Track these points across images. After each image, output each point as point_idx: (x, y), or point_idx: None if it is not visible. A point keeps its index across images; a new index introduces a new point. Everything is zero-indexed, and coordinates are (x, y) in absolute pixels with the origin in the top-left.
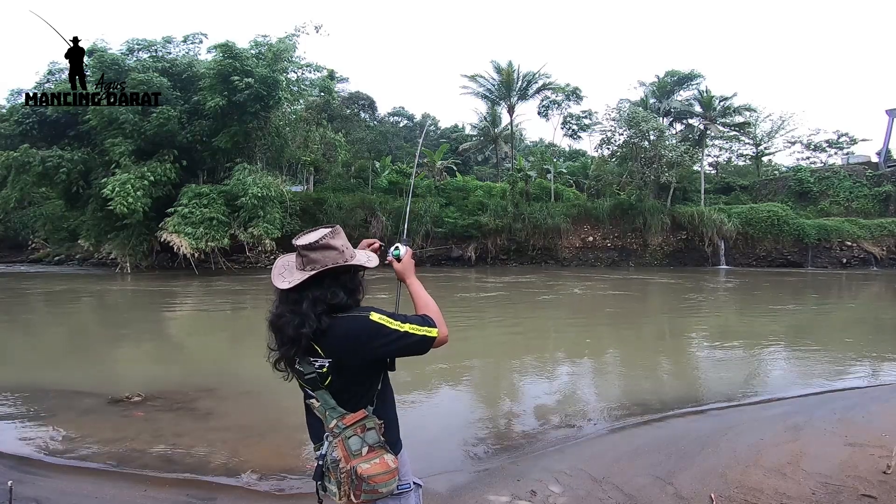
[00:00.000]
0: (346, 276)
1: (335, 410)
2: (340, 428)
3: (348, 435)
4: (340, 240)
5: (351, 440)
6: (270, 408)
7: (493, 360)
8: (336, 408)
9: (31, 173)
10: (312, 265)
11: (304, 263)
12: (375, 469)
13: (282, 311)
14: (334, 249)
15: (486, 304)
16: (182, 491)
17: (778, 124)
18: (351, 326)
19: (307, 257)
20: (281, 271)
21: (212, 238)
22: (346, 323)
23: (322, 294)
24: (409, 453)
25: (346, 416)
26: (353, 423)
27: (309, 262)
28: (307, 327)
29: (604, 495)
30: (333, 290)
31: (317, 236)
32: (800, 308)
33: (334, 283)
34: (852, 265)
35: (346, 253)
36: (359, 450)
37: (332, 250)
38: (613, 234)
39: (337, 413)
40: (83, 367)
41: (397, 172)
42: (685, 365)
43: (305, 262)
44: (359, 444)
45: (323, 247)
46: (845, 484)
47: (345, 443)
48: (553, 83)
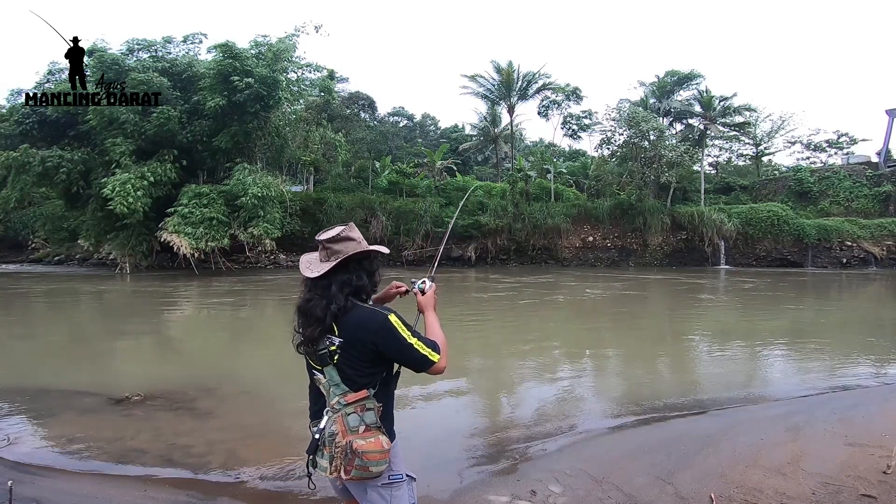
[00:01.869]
0: (366, 262)
1: (339, 387)
2: (341, 404)
3: (348, 412)
4: (356, 232)
5: (350, 417)
6: (270, 408)
7: (493, 359)
8: (340, 384)
9: (31, 173)
10: (336, 255)
11: (328, 255)
12: (370, 447)
13: (311, 295)
14: (353, 240)
15: (486, 303)
16: (182, 491)
17: (778, 124)
18: (369, 317)
19: (330, 249)
20: (307, 265)
21: (212, 238)
22: (366, 312)
23: (348, 277)
24: (409, 453)
25: (349, 394)
26: (354, 401)
27: (333, 253)
28: (335, 305)
29: (604, 495)
30: (358, 273)
31: (337, 230)
32: (800, 308)
33: (358, 267)
34: (852, 265)
35: (363, 243)
36: (356, 427)
37: (351, 241)
38: (613, 234)
39: (340, 390)
40: (83, 367)
41: (397, 172)
42: (685, 365)
43: (329, 253)
44: (357, 422)
45: (344, 238)
46: (845, 484)
47: (344, 419)
48: (553, 83)
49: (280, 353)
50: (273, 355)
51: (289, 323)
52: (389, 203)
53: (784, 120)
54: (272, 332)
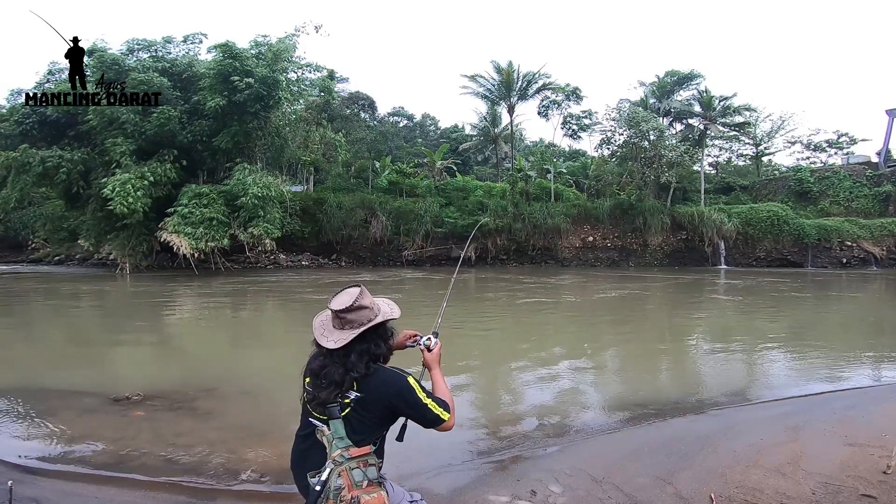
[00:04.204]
0: (382, 329)
1: (343, 440)
2: (344, 458)
3: (352, 466)
4: (368, 298)
5: (354, 472)
6: (270, 408)
7: (492, 359)
8: (345, 438)
9: (31, 173)
10: (351, 325)
11: (342, 324)
12: (374, 502)
13: (326, 363)
14: (367, 308)
15: (486, 303)
16: (182, 491)
17: (778, 124)
18: (390, 377)
19: (345, 318)
20: (321, 331)
21: (212, 238)
22: (387, 374)
23: (367, 347)
24: (409, 453)
25: (352, 448)
26: (357, 455)
27: (347, 323)
28: (356, 372)
29: (604, 495)
30: (377, 342)
31: (350, 300)
32: (800, 308)
33: (375, 335)
34: (852, 265)
35: (375, 308)
36: (360, 482)
37: (365, 309)
38: (613, 234)
39: (344, 443)
40: (83, 366)
41: (397, 172)
42: (685, 365)
43: (343, 322)
44: (361, 477)
45: (358, 308)
46: (845, 484)
47: (349, 473)
48: (553, 83)
49: (280, 354)
50: (273, 355)
51: (289, 323)
52: (389, 203)
53: (784, 120)
54: (272, 332)
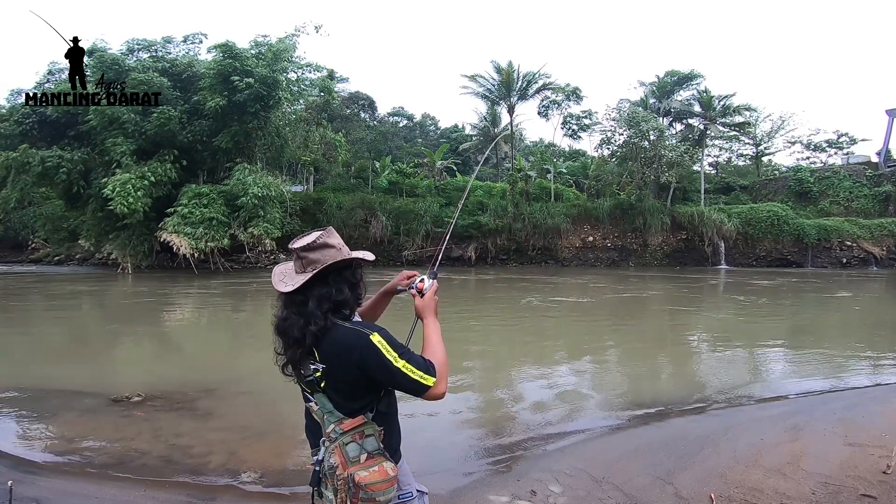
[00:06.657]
0: (348, 272)
1: (333, 414)
2: (338, 433)
3: (346, 441)
4: (336, 238)
5: (349, 446)
6: (270, 408)
7: (492, 359)
8: (333, 412)
9: (31, 173)
10: (313, 265)
11: (303, 265)
12: (374, 477)
13: (287, 314)
14: (332, 247)
15: (486, 303)
16: (182, 491)
17: (778, 124)
18: (347, 338)
19: (306, 258)
20: (281, 277)
21: (211, 238)
22: (344, 333)
23: (327, 291)
24: (409, 454)
25: (344, 421)
26: (350, 428)
27: (309, 263)
28: (314, 325)
29: (604, 495)
30: (339, 286)
31: (313, 237)
32: (800, 308)
33: (339, 278)
34: (852, 265)
35: (344, 250)
36: (357, 456)
37: (330, 248)
38: (613, 234)
39: (335, 417)
40: (84, 367)
41: (397, 172)
42: (685, 365)
43: (305, 263)
44: (357, 451)
45: (321, 246)
46: (845, 484)
47: (342, 449)
48: (553, 83)
49: None
50: (273, 356)
51: None
52: (389, 203)
53: (784, 120)
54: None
